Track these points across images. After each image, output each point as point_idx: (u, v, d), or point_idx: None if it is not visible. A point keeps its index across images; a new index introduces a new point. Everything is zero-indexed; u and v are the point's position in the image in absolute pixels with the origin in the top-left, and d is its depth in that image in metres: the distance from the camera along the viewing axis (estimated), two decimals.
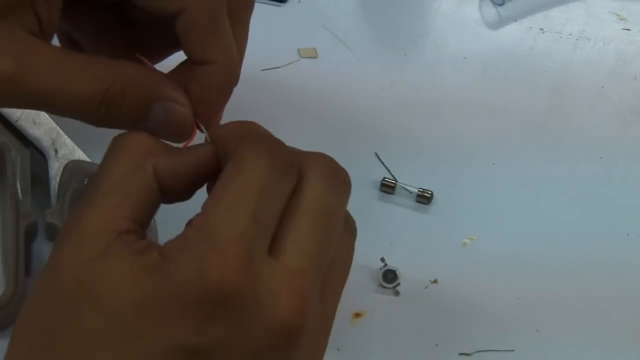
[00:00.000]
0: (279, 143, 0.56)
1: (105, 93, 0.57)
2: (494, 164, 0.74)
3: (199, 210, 0.52)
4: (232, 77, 0.62)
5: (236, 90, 0.67)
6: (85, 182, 0.69)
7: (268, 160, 0.54)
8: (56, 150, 0.71)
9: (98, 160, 0.67)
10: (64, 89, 0.57)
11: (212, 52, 0.61)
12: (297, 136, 0.73)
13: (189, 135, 0.60)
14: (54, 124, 0.72)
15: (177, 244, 0.51)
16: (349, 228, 0.58)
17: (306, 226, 0.54)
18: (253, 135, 0.56)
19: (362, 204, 0.71)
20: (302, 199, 0.55)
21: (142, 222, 0.53)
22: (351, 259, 0.58)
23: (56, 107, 0.58)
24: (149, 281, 0.50)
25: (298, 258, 0.53)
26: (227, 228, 0.51)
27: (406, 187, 0.72)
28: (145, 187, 0.53)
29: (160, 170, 0.54)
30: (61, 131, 0.72)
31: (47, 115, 0.72)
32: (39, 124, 0.72)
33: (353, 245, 0.58)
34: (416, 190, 0.71)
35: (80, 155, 0.71)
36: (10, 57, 0.56)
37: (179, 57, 0.61)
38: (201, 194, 0.57)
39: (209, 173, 0.56)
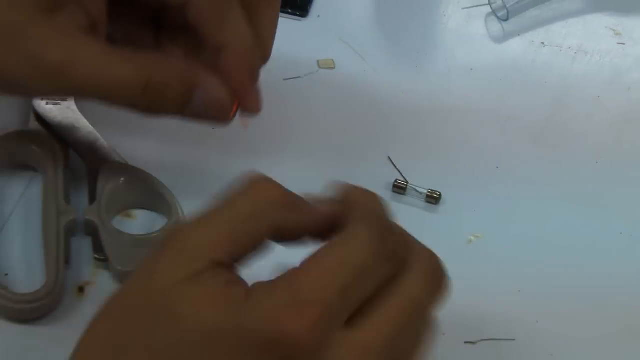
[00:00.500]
0: (390, 229, 0.55)
1: (147, 81, 0.58)
2: (497, 167, 0.74)
3: None
4: (248, 56, 0.63)
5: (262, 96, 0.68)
6: (121, 181, 0.70)
7: (375, 244, 0.53)
8: (94, 153, 0.71)
9: (132, 163, 0.69)
10: (108, 78, 0.58)
11: (222, 37, 0.62)
12: (316, 141, 0.74)
13: (229, 114, 0.63)
14: (92, 129, 0.72)
15: (265, 288, 0.50)
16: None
17: (391, 313, 0.53)
18: (371, 213, 0.56)
19: None
20: (396, 288, 0.54)
21: (239, 260, 0.53)
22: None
23: (101, 96, 0.59)
24: (227, 314, 0.50)
25: (371, 337, 0.52)
26: (314, 292, 0.50)
27: (416, 188, 0.72)
28: (256, 238, 0.53)
29: (277, 225, 0.53)
30: (99, 135, 0.72)
31: (86, 121, 0.73)
32: (78, 128, 0.72)
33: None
34: (426, 191, 0.72)
35: (116, 157, 0.71)
36: (58, 48, 0.57)
37: None
38: None
39: (319, 231, 0.55)
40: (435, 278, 0.56)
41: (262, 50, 0.66)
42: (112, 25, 0.64)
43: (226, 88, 0.62)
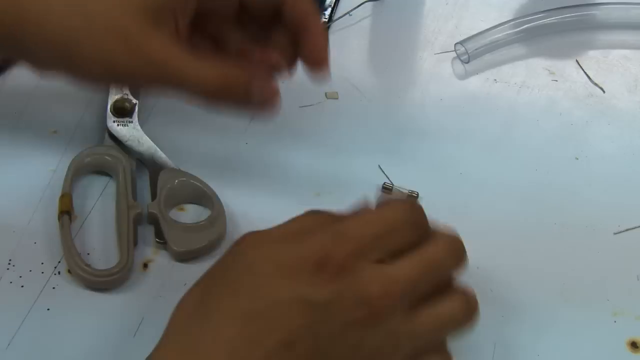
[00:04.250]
0: (421, 213, 0.58)
1: (222, 74, 0.60)
2: (461, 173, 0.74)
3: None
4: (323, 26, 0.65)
5: (283, 120, 0.68)
6: (175, 182, 0.70)
7: (406, 214, 0.56)
8: (154, 162, 0.71)
9: (183, 169, 0.69)
10: (194, 70, 0.60)
11: (305, 13, 0.63)
12: (324, 153, 0.74)
13: (277, 102, 0.62)
14: (152, 143, 0.72)
15: (322, 228, 0.55)
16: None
17: (415, 262, 0.55)
18: (406, 203, 0.58)
19: None
20: (421, 249, 0.56)
21: None
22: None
23: (186, 84, 0.60)
24: (287, 249, 0.54)
25: (397, 270, 0.54)
26: (353, 232, 0.54)
27: (400, 189, 0.72)
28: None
29: None
30: (157, 148, 0.72)
31: (147, 137, 0.73)
32: (142, 143, 0.72)
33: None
34: (407, 192, 0.71)
35: (170, 165, 0.71)
36: (160, 46, 0.60)
37: None
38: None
39: None
40: (454, 251, 0.57)
41: None
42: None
43: (275, 82, 0.63)
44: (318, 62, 0.63)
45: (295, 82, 0.71)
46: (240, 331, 0.52)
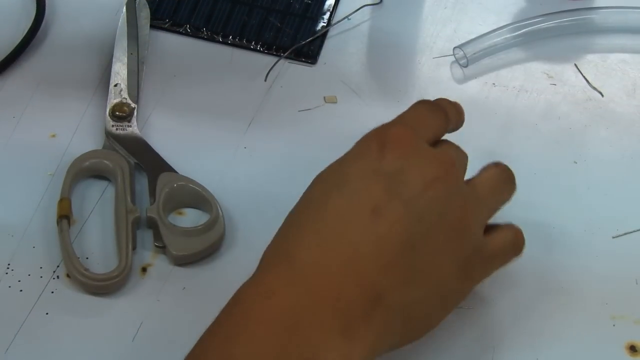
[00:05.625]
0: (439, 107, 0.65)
1: None
2: None
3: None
4: None
5: (282, 124, 0.70)
6: (174, 186, 0.70)
7: (427, 106, 0.64)
8: (153, 166, 0.72)
9: (182, 172, 0.69)
10: None
11: None
12: (322, 155, 0.74)
13: None
14: (151, 147, 0.73)
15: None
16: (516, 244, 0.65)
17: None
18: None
19: None
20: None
21: None
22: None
23: None
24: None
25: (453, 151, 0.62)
26: (403, 118, 0.62)
27: None
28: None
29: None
30: (156, 152, 0.72)
31: (146, 141, 0.73)
32: (140, 147, 0.73)
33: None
34: None
35: (169, 168, 0.72)
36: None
37: None
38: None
39: None
40: (505, 175, 0.65)
41: None
42: None
43: None
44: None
45: (294, 86, 0.71)
46: (326, 206, 0.57)
